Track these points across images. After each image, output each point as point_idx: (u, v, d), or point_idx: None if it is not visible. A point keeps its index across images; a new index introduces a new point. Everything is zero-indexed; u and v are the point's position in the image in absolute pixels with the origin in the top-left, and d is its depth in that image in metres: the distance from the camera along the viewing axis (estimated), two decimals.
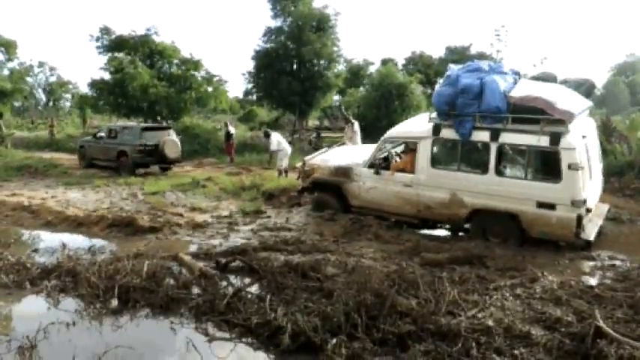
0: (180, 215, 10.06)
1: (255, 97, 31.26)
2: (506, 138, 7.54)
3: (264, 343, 4.67)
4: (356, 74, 36.65)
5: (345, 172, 9.12)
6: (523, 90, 7.61)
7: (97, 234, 8.99)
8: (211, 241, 8.33)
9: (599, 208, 8.46)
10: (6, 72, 27.26)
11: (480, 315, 4.93)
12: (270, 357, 4.50)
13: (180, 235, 8.80)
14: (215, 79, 30.49)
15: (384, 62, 36.04)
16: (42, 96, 59.76)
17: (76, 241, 8.24)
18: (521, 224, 7.50)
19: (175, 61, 30.27)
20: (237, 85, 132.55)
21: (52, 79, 59.02)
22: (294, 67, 27.72)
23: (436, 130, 8.11)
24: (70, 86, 58.09)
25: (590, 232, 7.40)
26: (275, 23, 27.83)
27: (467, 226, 8.23)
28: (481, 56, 37.67)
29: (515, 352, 4.21)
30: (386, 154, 9.22)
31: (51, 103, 59.72)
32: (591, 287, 5.80)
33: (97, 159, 18.17)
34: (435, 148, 8.25)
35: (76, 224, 9.58)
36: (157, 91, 27.26)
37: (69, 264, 6.54)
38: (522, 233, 7.57)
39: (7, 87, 24.93)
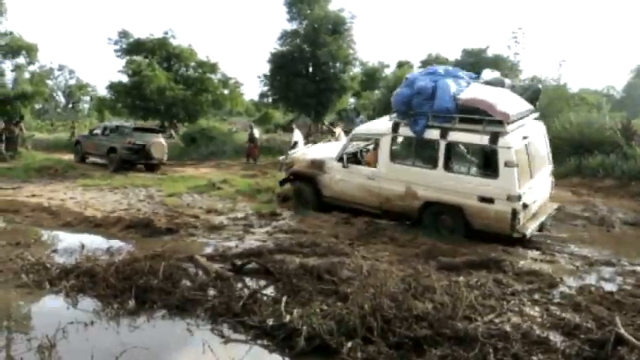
0: (197, 217, 10.12)
1: (270, 100, 31.39)
2: (454, 136, 8.20)
3: (280, 345, 4.65)
4: (371, 77, 36.62)
5: (319, 164, 9.94)
6: (471, 93, 8.26)
7: (114, 235, 9.08)
8: (227, 242, 8.36)
9: (547, 206, 9.04)
10: (27, 75, 27.73)
11: (497, 320, 4.87)
12: (285, 359, 4.50)
13: (196, 237, 8.85)
14: (231, 81, 30.70)
15: (400, 65, 35.94)
16: (61, 98, 60.75)
17: (95, 241, 8.33)
18: (465, 217, 8.07)
19: (192, 63, 30.58)
20: (253, 87, 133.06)
21: (72, 81, 60.01)
22: (310, 69, 27.80)
23: (395, 127, 8.88)
24: (89, 89, 58.94)
25: (528, 227, 7.92)
26: (291, 26, 27.99)
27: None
28: (498, 58, 37.47)
29: (534, 358, 4.16)
30: (354, 149, 9.91)
31: (70, 106, 60.62)
32: (611, 293, 5.71)
33: (89, 153, 19.60)
34: (393, 144, 9.02)
35: (94, 225, 9.70)
36: (174, 94, 27.55)
37: (87, 264, 6.60)
38: (467, 226, 8.14)
39: (28, 90, 25.33)
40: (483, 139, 7.87)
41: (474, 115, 7.94)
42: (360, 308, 4.76)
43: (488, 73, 9.76)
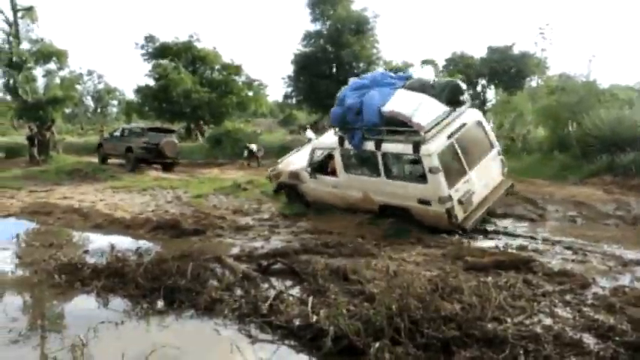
0: (223, 218, 10.23)
1: (294, 101, 31.49)
2: (386, 147, 8.68)
3: (307, 345, 4.66)
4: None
5: (296, 175, 10.70)
6: (391, 105, 8.54)
7: (143, 236, 9.25)
8: (253, 243, 8.42)
9: (499, 188, 9.20)
10: (57, 80, 28.45)
11: (527, 321, 4.77)
12: (312, 359, 4.50)
13: (223, 238, 8.94)
14: (255, 83, 30.90)
15: (424, 63, 35.59)
16: (90, 103, 62.14)
17: (124, 242, 8.50)
18: (414, 216, 8.61)
19: (217, 66, 30.90)
20: (277, 89, 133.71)
21: (100, 86, 61.40)
22: (333, 70, 27.78)
23: (341, 141, 9.39)
24: (117, 93, 60.16)
25: (470, 219, 8.39)
26: (314, 27, 28.04)
27: None
28: (524, 55, 36.80)
29: None
30: (320, 159, 10.39)
31: (99, 110, 61.97)
32: None
33: (110, 154, 20.85)
34: (343, 157, 9.52)
35: (123, 226, 9.89)
36: (200, 96, 27.88)
37: (117, 265, 6.74)
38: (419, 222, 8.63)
39: (59, 94, 25.99)
40: (408, 149, 8.32)
41: (399, 125, 8.36)
42: (387, 309, 4.71)
43: (417, 72, 10.01)
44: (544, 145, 16.61)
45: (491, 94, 40.71)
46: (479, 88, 40.91)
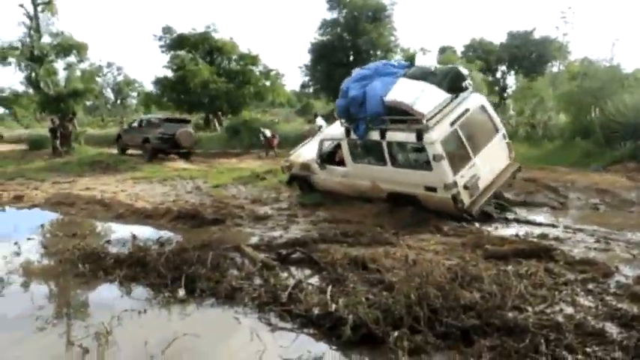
0: (242, 207, 10.30)
1: (311, 90, 31.40)
2: (390, 136, 8.74)
3: (326, 334, 4.69)
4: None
5: (307, 167, 10.87)
6: (393, 94, 8.58)
7: (164, 226, 9.37)
8: (272, 232, 8.48)
9: (506, 172, 9.13)
10: (78, 73, 28.80)
11: (548, 310, 4.74)
12: (331, 348, 4.52)
13: (242, 227, 9.01)
14: (272, 73, 30.84)
15: (442, 50, 35.14)
16: (110, 95, 62.80)
17: (145, 232, 8.63)
18: (421, 203, 8.71)
19: (234, 56, 30.88)
20: (294, 78, 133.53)
21: (120, 78, 61.94)
22: (351, 58, 27.58)
23: (347, 132, 9.50)
24: (136, 84, 60.66)
25: (476, 204, 8.43)
26: (331, 15, 27.81)
27: None
28: (545, 40, 36.06)
29: (588, 349, 4.00)
30: (329, 150, 10.58)
31: (119, 102, 62.62)
32: None
33: (128, 145, 21.37)
34: (350, 147, 9.63)
35: (144, 216, 10.03)
36: (217, 87, 27.94)
37: (139, 254, 6.85)
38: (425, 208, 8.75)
39: (80, 87, 26.33)
40: (411, 137, 8.36)
41: (401, 114, 8.42)
42: (406, 297, 4.72)
43: (420, 59, 9.96)
44: (566, 131, 16.32)
45: (511, 81, 40.11)
46: (498, 75, 40.31)
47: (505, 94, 37.71)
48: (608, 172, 12.22)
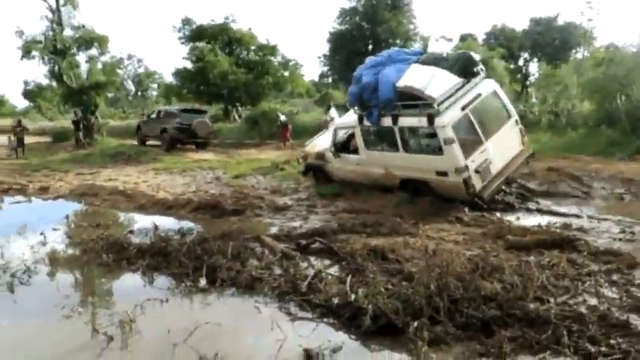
0: (262, 198, 10.36)
1: (330, 80, 31.27)
2: (402, 122, 8.82)
3: (345, 323, 4.69)
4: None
5: (322, 156, 10.97)
6: (405, 80, 8.68)
7: (185, 216, 9.48)
8: (292, 223, 8.51)
9: (519, 158, 9.09)
10: (99, 65, 29.12)
11: (571, 301, 4.67)
12: (351, 337, 4.54)
13: (262, 217, 9.07)
14: (291, 63, 30.77)
15: (463, 38, 34.60)
16: (131, 87, 63.44)
17: (167, 222, 8.74)
18: (433, 189, 8.74)
19: (252, 47, 30.87)
20: (313, 68, 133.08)
21: (140, 70, 62.52)
22: (369, 47, 27.36)
23: (360, 119, 9.60)
24: (156, 76, 61.13)
25: (486, 191, 8.44)
26: (349, 4, 27.61)
27: None
28: (569, 26, 35.21)
29: (612, 341, 3.93)
30: (343, 139, 10.61)
31: (140, 93, 63.24)
32: None
33: (147, 136, 21.94)
34: (363, 134, 9.70)
35: (165, 207, 10.17)
36: (236, 78, 28.00)
37: (161, 244, 6.96)
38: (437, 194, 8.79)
39: (101, 80, 26.63)
40: (423, 122, 8.41)
41: (413, 99, 8.49)
42: (425, 288, 4.70)
43: (432, 45, 10.02)
44: (590, 119, 15.98)
45: (534, 68, 39.35)
46: (521, 62, 39.57)
47: (527, 82, 37.06)
48: (634, 161, 11.95)
